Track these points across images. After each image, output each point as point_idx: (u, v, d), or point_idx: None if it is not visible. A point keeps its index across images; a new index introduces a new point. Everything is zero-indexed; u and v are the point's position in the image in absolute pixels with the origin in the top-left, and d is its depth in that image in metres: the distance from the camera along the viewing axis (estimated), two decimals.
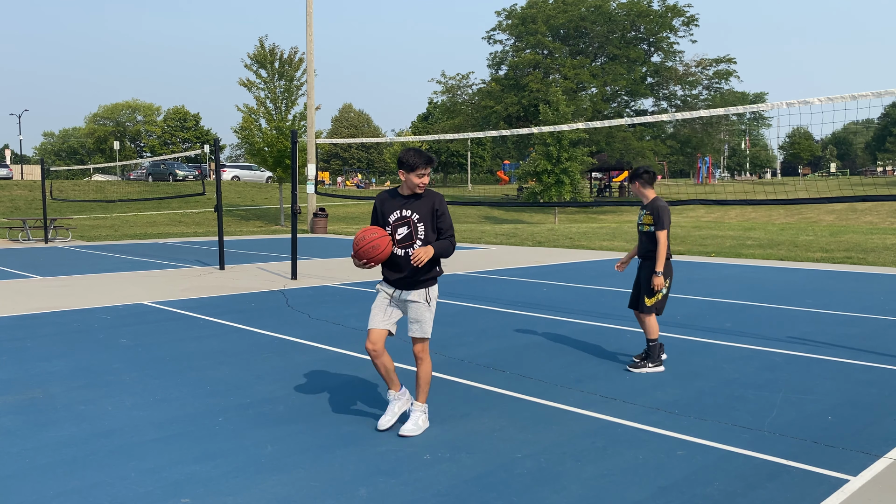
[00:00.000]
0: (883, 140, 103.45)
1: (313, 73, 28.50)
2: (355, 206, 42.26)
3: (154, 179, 49.85)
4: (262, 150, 30.31)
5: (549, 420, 4.91)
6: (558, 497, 3.69)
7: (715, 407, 5.19)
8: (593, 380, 5.93)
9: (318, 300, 10.14)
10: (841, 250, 17.49)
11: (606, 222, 33.46)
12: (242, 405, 5.25)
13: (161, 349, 7.06)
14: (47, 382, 5.86)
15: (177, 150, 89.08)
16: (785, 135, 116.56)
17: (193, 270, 14.07)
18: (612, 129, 44.14)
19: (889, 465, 4.11)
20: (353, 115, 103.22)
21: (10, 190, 37.62)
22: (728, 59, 48.68)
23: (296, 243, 12.82)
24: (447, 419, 4.92)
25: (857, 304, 9.78)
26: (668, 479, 3.91)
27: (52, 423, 4.85)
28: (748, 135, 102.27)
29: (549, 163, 34.58)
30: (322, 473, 4.00)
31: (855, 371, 6.20)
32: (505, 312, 9.17)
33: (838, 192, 39.40)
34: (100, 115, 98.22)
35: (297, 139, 12.83)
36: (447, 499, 3.67)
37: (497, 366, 6.39)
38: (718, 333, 7.80)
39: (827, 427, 4.75)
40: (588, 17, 48.54)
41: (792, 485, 3.83)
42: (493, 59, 52.69)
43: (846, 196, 7.43)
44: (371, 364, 6.45)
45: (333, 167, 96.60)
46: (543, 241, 21.41)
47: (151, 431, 4.68)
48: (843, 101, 7.14)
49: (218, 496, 3.70)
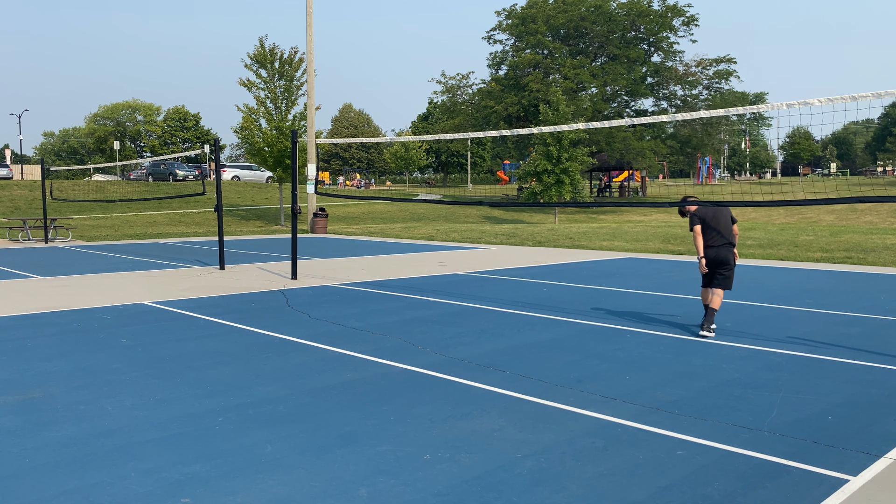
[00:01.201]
0: (883, 140, 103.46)
1: (313, 73, 28.51)
2: (355, 205, 42.26)
3: (154, 179, 49.85)
4: (262, 150, 30.32)
5: (549, 420, 4.91)
6: (558, 497, 3.69)
7: (715, 407, 5.19)
8: (593, 380, 5.93)
9: (318, 300, 10.14)
10: (841, 250, 17.49)
11: (606, 222, 33.46)
12: (242, 405, 5.25)
13: (161, 349, 7.06)
14: (47, 382, 5.86)
15: (177, 150, 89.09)
16: (785, 135, 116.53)
17: (193, 270, 14.07)
18: (612, 129, 44.13)
19: (889, 465, 4.11)
20: (353, 115, 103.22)
21: (10, 190, 37.62)
22: (728, 59, 48.66)
23: (296, 243, 12.83)
24: (447, 419, 4.92)
25: (857, 304, 9.78)
26: (668, 479, 3.91)
27: (52, 423, 4.85)
28: (748, 135, 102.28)
29: (549, 163, 34.57)
30: (322, 473, 4.00)
31: (855, 371, 6.20)
32: (505, 312, 9.17)
33: (836, 193, 39.43)
34: (100, 115, 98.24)
35: (297, 139, 12.83)
36: (447, 499, 3.67)
37: (497, 366, 6.39)
38: (718, 333, 7.79)
39: (827, 427, 4.75)
40: (588, 17, 48.53)
41: (792, 485, 3.83)
42: (493, 59, 52.69)
43: (846, 197, 7.43)
44: (371, 364, 6.45)
45: (333, 167, 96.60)
46: (543, 241, 21.41)
47: (151, 431, 4.68)
48: (843, 101, 7.14)
49: (218, 496, 3.70)
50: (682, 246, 19.31)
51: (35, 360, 6.64)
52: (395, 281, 12.38)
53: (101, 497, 3.69)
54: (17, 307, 9.62)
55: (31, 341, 7.45)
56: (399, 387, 5.73)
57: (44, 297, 10.56)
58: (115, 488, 3.80)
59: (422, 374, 6.10)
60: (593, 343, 7.36)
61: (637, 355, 6.81)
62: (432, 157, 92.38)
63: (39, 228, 23.44)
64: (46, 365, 6.44)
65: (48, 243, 21.41)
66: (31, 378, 6.00)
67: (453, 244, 21.02)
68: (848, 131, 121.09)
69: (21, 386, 5.77)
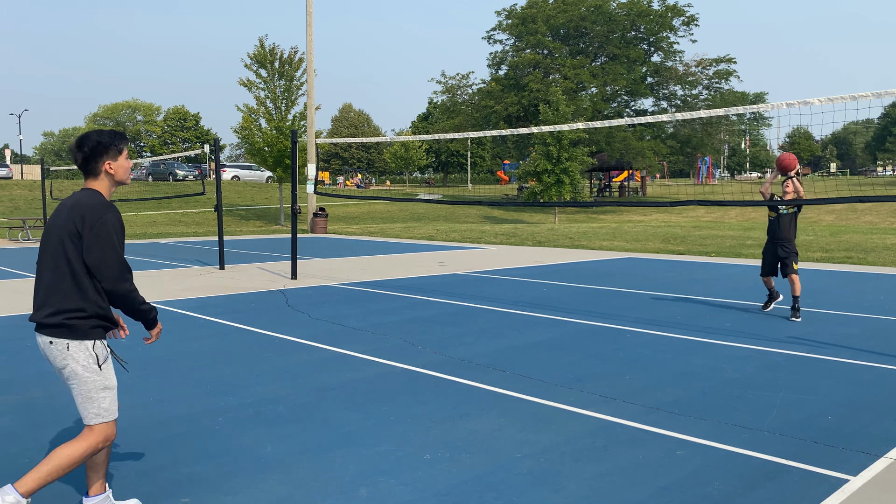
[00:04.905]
0: (883, 140, 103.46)
1: (313, 72, 28.51)
2: (355, 205, 42.25)
3: (154, 179, 49.85)
4: (262, 150, 30.31)
5: (549, 420, 4.91)
6: (558, 497, 3.69)
7: (715, 407, 5.19)
8: (593, 380, 5.93)
9: (318, 300, 10.14)
10: (841, 250, 17.49)
11: (606, 222, 33.46)
12: (242, 405, 5.24)
13: (161, 349, 7.06)
14: (47, 382, 5.86)
15: (177, 149, 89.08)
16: (785, 135, 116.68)
17: (193, 270, 14.07)
18: (612, 129, 44.10)
19: (889, 465, 4.11)
20: (353, 115, 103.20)
21: (10, 190, 37.63)
22: (728, 59, 48.63)
23: (296, 243, 12.83)
24: (447, 419, 4.92)
25: (857, 304, 9.78)
26: (668, 479, 3.91)
27: (52, 423, 4.85)
28: (748, 135, 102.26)
29: (549, 163, 34.56)
30: (322, 473, 4.00)
31: (855, 371, 6.20)
32: (505, 312, 9.17)
33: (836, 193, 39.41)
34: (100, 115, 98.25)
35: (297, 139, 12.83)
36: (447, 499, 3.67)
37: (497, 366, 6.39)
38: (718, 333, 7.80)
39: (827, 427, 4.75)
40: (588, 16, 48.51)
41: (792, 485, 3.83)
42: (493, 59, 52.66)
43: (846, 197, 7.43)
44: (371, 364, 6.46)
45: (333, 167, 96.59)
46: (543, 241, 21.41)
47: (151, 431, 4.68)
48: (843, 101, 7.13)
49: (218, 496, 3.70)
50: (681, 246, 19.32)
51: (35, 360, 6.64)
52: (395, 281, 12.38)
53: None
54: (17, 307, 9.62)
55: (31, 341, 7.44)
56: (399, 387, 5.73)
57: None
58: (115, 488, 3.80)
59: (422, 374, 6.10)
60: (593, 343, 7.36)
61: (637, 355, 6.81)
62: (432, 157, 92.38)
63: (39, 228, 23.43)
64: (46, 365, 6.43)
65: None
66: (31, 378, 6.00)
67: (453, 244, 21.02)
68: (848, 131, 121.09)
69: (21, 386, 5.77)
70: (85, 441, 3.19)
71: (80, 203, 3.18)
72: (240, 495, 3.71)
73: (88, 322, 3.19)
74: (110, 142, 3.30)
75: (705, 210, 38.37)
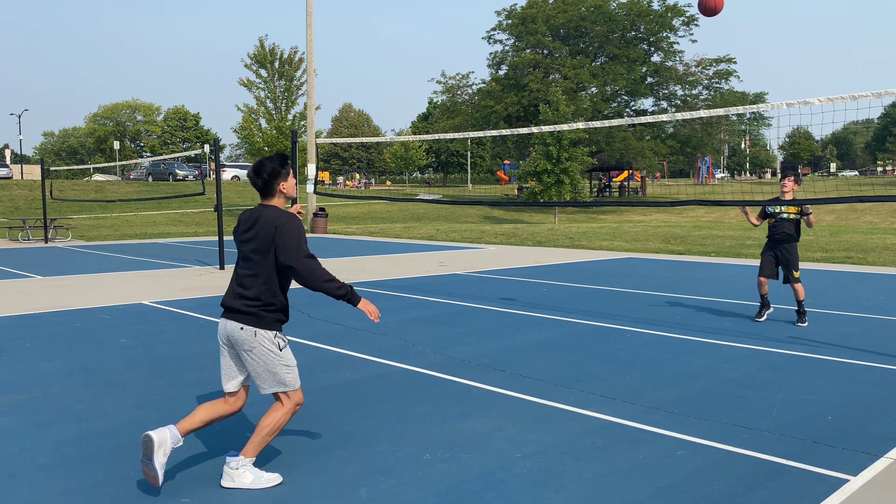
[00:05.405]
0: (883, 140, 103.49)
1: (313, 72, 28.51)
2: (355, 205, 42.25)
3: (154, 179, 49.87)
4: (262, 150, 30.33)
5: (549, 420, 4.91)
6: (558, 497, 3.69)
7: (715, 407, 5.19)
8: (593, 380, 5.93)
9: (318, 300, 10.14)
10: (841, 250, 17.48)
11: (606, 222, 33.46)
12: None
13: (161, 349, 7.06)
14: (47, 382, 5.86)
15: (177, 149, 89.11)
16: (785, 135, 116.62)
17: (193, 270, 14.07)
18: (612, 129, 44.10)
19: (889, 465, 4.11)
20: (353, 115, 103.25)
21: (10, 190, 37.63)
22: (728, 59, 48.63)
23: None
24: (447, 419, 4.92)
25: (857, 304, 9.78)
26: (668, 479, 3.91)
27: (52, 423, 4.85)
28: (748, 135, 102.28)
29: (549, 163, 34.56)
30: (322, 473, 4.00)
31: (855, 371, 6.20)
32: (505, 312, 9.17)
33: (836, 193, 39.41)
34: (100, 114, 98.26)
35: (297, 139, 12.83)
36: (447, 499, 3.67)
37: (497, 366, 6.39)
38: (718, 333, 7.79)
39: (827, 427, 4.75)
40: (588, 16, 48.51)
41: (792, 485, 3.83)
42: (493, 59, 52.65)
43: (846, 197, 7.43)
44: (371, 364, 6.46)
45: (333, 167, 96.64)
46: (543, 241, 21.41)
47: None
48: (843, 101, 7.13)
49: (218, 496, 3.70)
50: (681, 246, 19.32)
51: (35, 360, 6.64)
52: (395, 281, 12.38)
53: (102, 497, 3.69)
54: (17, 307, 9.62)
55: (30, 341, 7.45)
56: (399, 387, 5.73)
57: (44, 296, 10.56)
58: (115, 488, 3.80)
59: (422, 374, 6.10)
60: (593, 343, 7.36)
61: (637, 355, 6.81)
62: (432, 157, 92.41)
63: (39, 228, 23.43)
64: (46, 365, 6.44)
65: (48, 243, 21.41)
66: (31, 378, 6.00)
67: (453, 244, 21.02)
68: (848, 131, 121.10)
69: (21, 386, 5.77)
70: (283, 408, 3.79)
71: (267, 216, 3.78)
72: (240, 495, 3.71)
73: (274, 315, 3.79)
74: (281, 167, 3.88)
75: (705, 210, 38.37)
